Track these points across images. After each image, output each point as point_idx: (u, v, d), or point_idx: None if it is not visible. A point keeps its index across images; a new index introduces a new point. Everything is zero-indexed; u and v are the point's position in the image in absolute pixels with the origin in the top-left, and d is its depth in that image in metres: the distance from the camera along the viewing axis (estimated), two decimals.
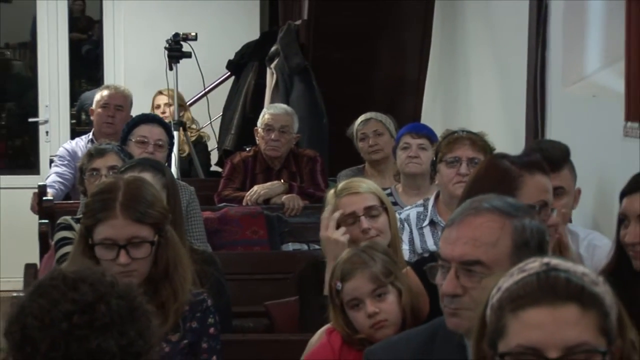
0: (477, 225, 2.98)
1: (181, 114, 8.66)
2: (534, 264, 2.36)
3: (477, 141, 5.35)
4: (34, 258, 5.84)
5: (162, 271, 3.81)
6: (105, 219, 3.75)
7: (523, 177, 3.91)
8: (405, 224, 5.39)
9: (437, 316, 3.20)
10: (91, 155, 5.66)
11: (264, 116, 7.39)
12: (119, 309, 2.59)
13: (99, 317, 2.54)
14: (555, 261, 2.37)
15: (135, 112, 7.96)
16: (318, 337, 3.99)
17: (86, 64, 12.26)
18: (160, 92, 9.03)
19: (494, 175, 3.93)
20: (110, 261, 3.71)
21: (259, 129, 7.35)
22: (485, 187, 3.62)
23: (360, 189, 4.54)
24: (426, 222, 5.38)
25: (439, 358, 3.04)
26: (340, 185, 4.74)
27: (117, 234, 3.73)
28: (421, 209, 5.46)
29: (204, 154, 9.28)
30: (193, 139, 8.73)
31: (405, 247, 5.28)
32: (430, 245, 5.28)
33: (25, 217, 7.73)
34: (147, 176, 4.55)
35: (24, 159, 12.24)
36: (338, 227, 4.48)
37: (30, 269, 5.27)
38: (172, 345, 3.82)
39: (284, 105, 7.85)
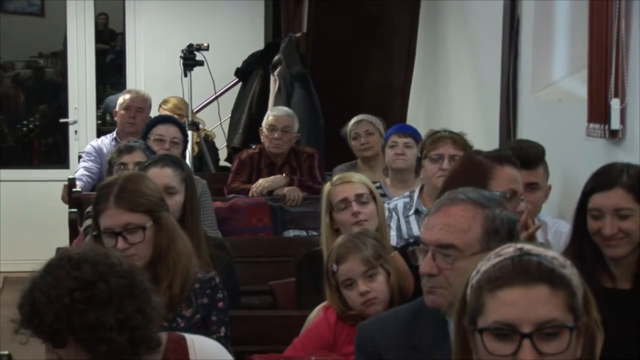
0: (452, 213, 3.00)
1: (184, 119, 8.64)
2: (509, 249, 2.36)
3: (458, 140, 5.36)
4: (64, 242, 5.83)
5: (157, 253, 3.79)
6: (104, 210, 3.76)
7: (495, 168, 3.95)
8: (393, 213, 5.39)
9: (422, 295, 3.20)
10: (120, 151, 5.67)
11: (268, 117, 7.38)
12: (118, 286, 2.68)
13: (98, 293, 2.63)
14: (527, 247, 2.37)
15: (153, 113, 7.97)
16: (316, 313, 3.99)
17: (110, 71, 12.26)
18: (165, 102, 8.99)
19: (469, 167, 3.96)
20: (113, 248, 3.71)
21: (264, 129, 7.35)
22: (461, 179, 3.64)
23: (353, 179, 4.59)
24: (412, 211, 5.38)
25: (424, 332, 3.03)
26: (336, 176, 4.81)
27: (113, 222, 3.73)
28: (407, 199, 5.46)
29: (212, 150, 9.28)
30: (197, 140, 8.71)
31: (393, 234, 5.29)
32: (416, 231, 5.28)
33: (57, 207, 7.71)
34: (168, 171, 4.58)
35: (55, 155, 12.23)
36: (331, 214, 4.49)
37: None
38: (187, 320, 3.81)
39: (286, 108, 7.84)
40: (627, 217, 3.67)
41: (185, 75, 8.60)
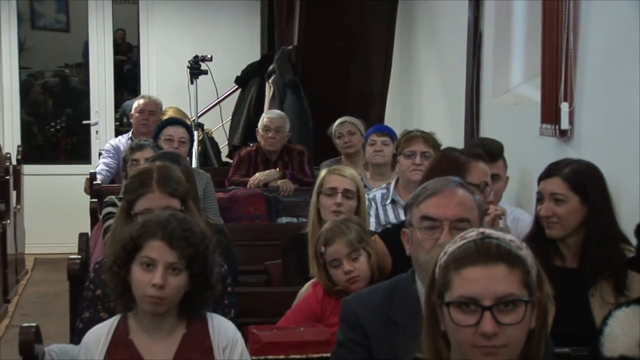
0: (461, 194, 3.06)
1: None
2: (472, 233, 2.36)
3: (429, 138, 5.37)
4: (86, 229, 5.81)
5: None
6: (145, 194, 3.74)
7: (470, 163, 3.99)
8: (372, 202, 5.38)
9: (398, 274, 3.20)
10: (133, 149, 5.67)
11: (263, 120, 7.37)
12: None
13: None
14: (488, 231, 2.37)
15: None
16: (305, 289, 3.99)
17: (127, 79, 12.22)
18: (164, 112, 8.98)
19: (448, 162, 3.99)
20: None
21: (260, 130, 7.33)
22: (440, 172, 3.65)
23: (346, 173, 4.56)
24: (388, 201, 5.37)
25: (399, 306, 3.03)
26: (333, 166, 4.83)
27: (154, 205, 3.70)
28: (385, 190, 5.45)
29: (215, 148, 9.28)
30: (200, 137, 8.69)
31: (372, 220, 5.27)
32: (391, 218, 5.28)
33: (80, 197, 7.69)
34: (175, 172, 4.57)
35: (79, 152, 12.19)
36: (318, 196, 4.49)
37: (82, 237, 5.24)
38: None
39: (278, 111, 7.82)
40: (561, 203, 3.76)
41: (192, 83, 8.61)
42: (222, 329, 3.17)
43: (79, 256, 4.71)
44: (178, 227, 3.04)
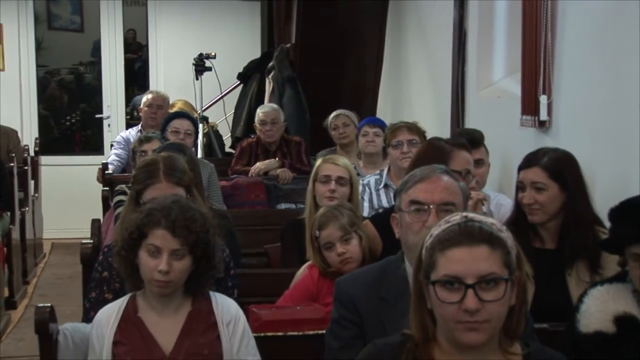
0: (446, 180, 3.07)
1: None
2: (456, 217, 2.36)
3: (412, 127, 5.40)
4: (99, 215, 5.80)
5: None
6: (152, 184, 3.72)
7: (454, 151, 4.01)
8: (367, 188, 5.38)
9: (388, 256, 3.19)
10: (141, 141, 5.67)
11: (259, 115, 7.33)
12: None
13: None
14: (471, 215, 2.37)
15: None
16: (302, 270, 3.99)
17: (136, 76, 12.20)
18: (173, 104, 8.98)
19: (433, 151, 4.01)
20: None
21: (257, 124, 7.32)
22: (426, 159, 3.66)
23: (339, 162, 4.55)
24: (382, 185, 5.37)
25: (389, 285, 3.02)
26: (328, 155, 4.88)
27: (162, 194, 3.65)
28: (378, 176, 5.45)
29: (219, 139, 9.27)
30: (205, 130, 8.68)
31: (366, 205, 5.28)
32: (384, 202, 5.28)
33: (93, 186, 7.69)
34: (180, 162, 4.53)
35: (92, 144, 12.18)
36: (314, 183, 4.47)
37: (95, 223, 5.22)
38: None
39: (271, 104, 7.84)
40: (542, 191, 3.75)
41: (197, 79, 8.61)
42: (226, 306, 3.18)
43: (91, 241, 4.69)
44: (180, 215, 3.05)
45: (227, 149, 9.49)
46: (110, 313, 3.15)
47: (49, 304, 3.21)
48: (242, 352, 3.16)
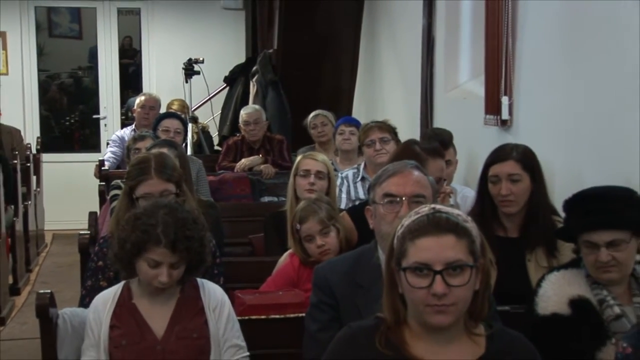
0: (416, 175, 3.08)
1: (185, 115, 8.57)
2: (425, 209, 2.35)
3: (383, 125, 5.39)
4: (95, 208, 5.77)
5: None
6: (145, 180, 3.69)
7: (428, 160, 4.00)
8: (345, 181, 5.38)
9: (363, 245, 3.19)
10: (135, 139, 5.65)
11: (242, 116, 7.31)
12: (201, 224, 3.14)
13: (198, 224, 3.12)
14: (439, 207, 2.36)
15: (163, 110, 7.91)
16: (283, 258, 3.97)
17: (131, 79, 12.14)
18: (171, 103, 8.93)
19: (410, 155, 3.93)
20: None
21: (241, 125, 7.31)
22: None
23: (318, 158, 4.52)
24: (359, 178, 5.36)
25: (363, 272, 3.02)
26: (308, 152, 4.83)
27: (153, 189, 3.68)
28: (355, 170, 5.45)
29: (208, 138, 9.23)
30: (195, 130, 8.65)
31: (344, 196, 5.27)
32: (361, 194, 5.27)
33: (90, 181, 7.63)
34: (165, 150, 4.48)
35: (90, 142, 12.14)
36: (294, 177, 4.45)
37: (92, 215, 5.20)
38: None
39: (253, 105, 7.83)
40: (517, 182, 3.72)
41: (186, 82, 8.56)
42: (212, 293, 3.18)
43: (89, 232, 4.67)
44: (179, 231, 3.01)
45: (215, 147, 9.47)
46: (107, 299, 3.14)
47: (49, 291, 3.19)
48: (228, 334, 3.16)
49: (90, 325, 3.10)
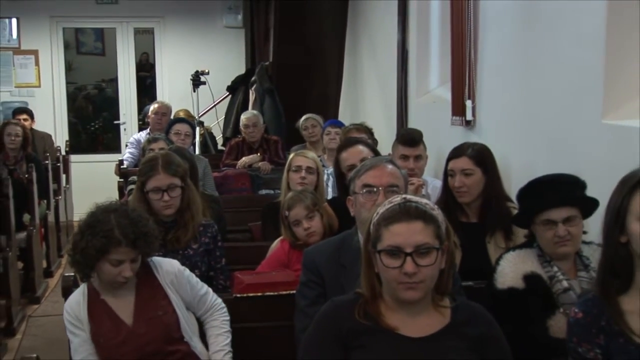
0: (390, 168, 3.06)
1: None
2: (397, 199, 2.34)
3: (360, 127, 5.46)
4: None
5: (185, 205, 3.75)
6: (153, 175, 3.68)
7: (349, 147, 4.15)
8: (331, 177, 5.35)
9: (344, 230, 3.17)
10: (149, 141, 5.64)
11: (242, 120, 7.35)
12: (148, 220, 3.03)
13: (145, 220, 3.01)
14: (409, 197, 2.35)
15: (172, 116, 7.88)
16: (275, 244, 3.95)
17: (147, 89, 12.10)
18: (177, 113, 8.90)
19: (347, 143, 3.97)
20: (158, 200, 3.68)
21: (242, 128, 7.32)
22: None
23: (308, 155, 4.49)
24: None
25: (346, 254, 3.00)
26: (299, 150, 4.81)
27: (161, 183, 3.67)
28: None
29: (213, 140, 9.21)
30: (202, 132, 8.62)
31: (330, 190, 5.25)
32: None
33: (111, 178, 7.61)
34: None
35: (112, 144, 12.06)
36: (288, 173, 4.43)
37: None
38: (194, 250, 3.77)
39: (252, 111, 7.82)
40: (470, 176, 3.73)
41: (194, 91, 8.54)
42: (164, 267, 3.11)
43: None
44: (136, 230, 2.92)
45: (219, 147, 9.44)
46: (78, 300, 3.02)
47: (73, 274, 3.17)
48: (194, 292, 3.13)
49: (74, 325, 2.98)
